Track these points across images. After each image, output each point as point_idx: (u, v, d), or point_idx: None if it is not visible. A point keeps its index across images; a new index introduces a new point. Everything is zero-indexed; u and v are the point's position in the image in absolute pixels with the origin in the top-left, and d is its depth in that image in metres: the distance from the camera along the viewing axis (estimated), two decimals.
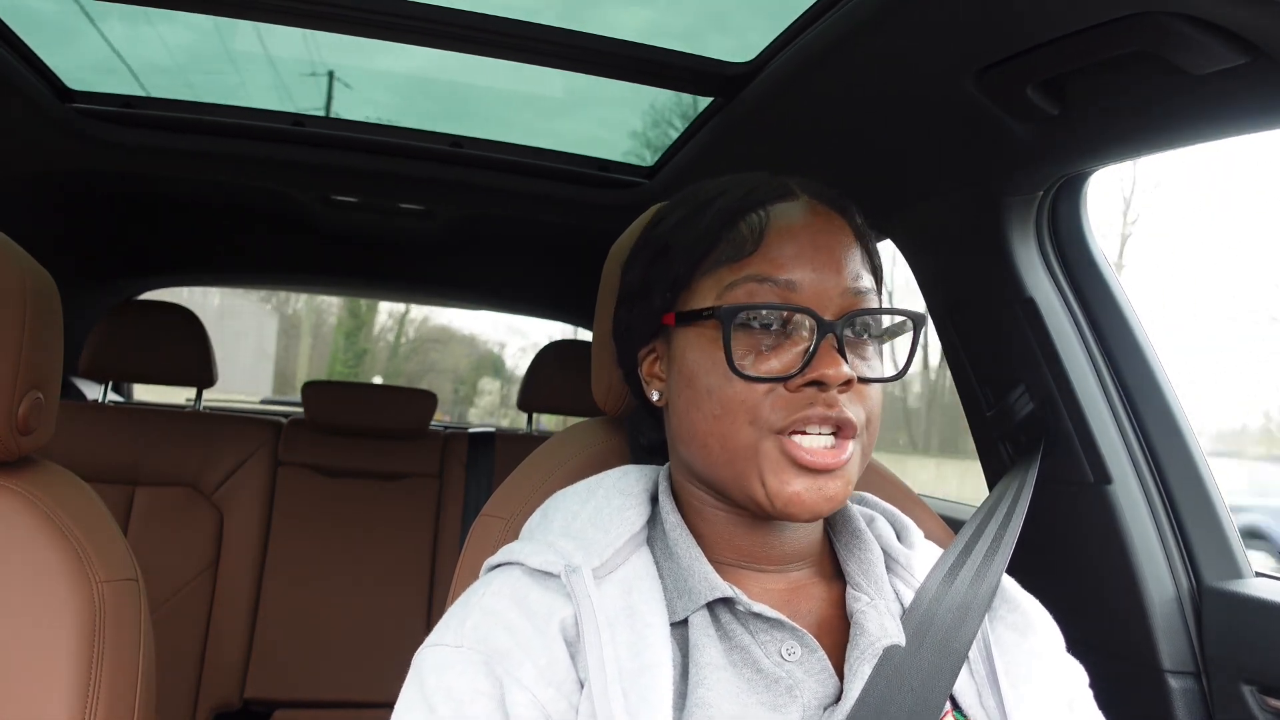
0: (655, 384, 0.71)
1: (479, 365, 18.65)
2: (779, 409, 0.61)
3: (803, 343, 0.62)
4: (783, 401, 0.61)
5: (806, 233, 0.64)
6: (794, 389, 0.61)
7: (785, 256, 0.63)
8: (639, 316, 0.71)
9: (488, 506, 0.86)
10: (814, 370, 0.60)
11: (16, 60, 1.35)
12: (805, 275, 0.63)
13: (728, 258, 0.64)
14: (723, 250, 0.65)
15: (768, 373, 0.61)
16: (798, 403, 0.61)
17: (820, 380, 0.60)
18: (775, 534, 0.67)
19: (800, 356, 0.61)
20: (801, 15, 1.08)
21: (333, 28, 1.24)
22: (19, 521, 0.81)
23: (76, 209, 2.05)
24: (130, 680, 0.82)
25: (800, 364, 0.61)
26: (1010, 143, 1.01)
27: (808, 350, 0.61)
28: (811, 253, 0.64)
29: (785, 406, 0.61)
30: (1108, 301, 1.14)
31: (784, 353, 0.62)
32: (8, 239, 0.84)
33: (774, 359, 0.62)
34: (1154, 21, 0.75)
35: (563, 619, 0.60)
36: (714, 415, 0.62)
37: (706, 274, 0.66)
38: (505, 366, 18.26)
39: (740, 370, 0.61)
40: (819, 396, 0.60)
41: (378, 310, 15.58)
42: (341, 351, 15.49)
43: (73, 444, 1.92)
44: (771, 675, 0.61)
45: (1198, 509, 1.09)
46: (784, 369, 0.61)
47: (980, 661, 0.67)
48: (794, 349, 0.62)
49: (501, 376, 17.96)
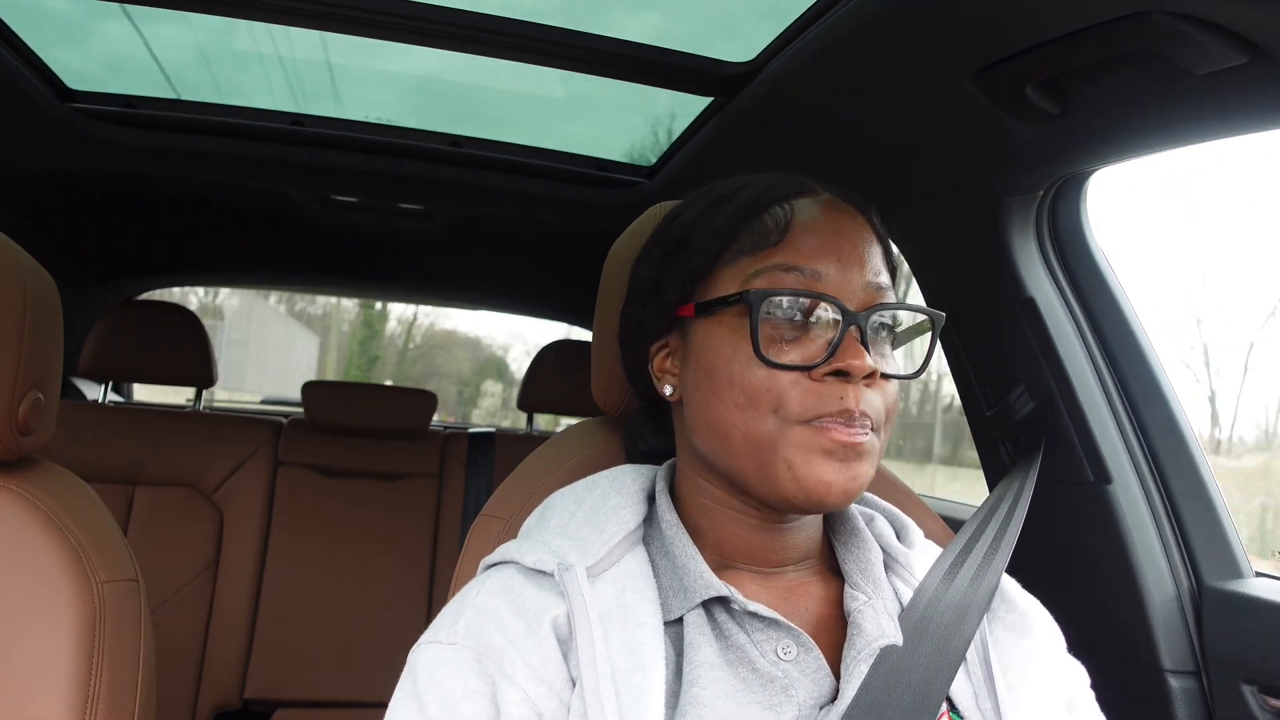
0: (668, 379, 0.70)
1: (482, 369, 19.66)
2: (802, 399, 0.60)
3: (826, 333, 0.62)
4: (809, 392, 0.60)
5: (830, 227, 0.64)
6: (818, 378, 0.61)
7: (810, 248, 0.63)
8: (652, 312, 0.71)
9: (487, 507, 0.86)
10: (839, 360, 0.60)
11: (17, 60, 1.35)
12: (830, 267, 0.63)
13: (751, 248, 0.64)
14: (745, 242, 0.65)
15: (791, 361, 0.61)
16: (821, 394, 0.60)
17: (845, 370, 0.60)
18: (779, 533, 0.67)
19: (824, 347, 0.61)
20: (801, 15, 1.08)
21: (333, 27, 1.24)
22: (19, 522, 0.81)
23: (76, 209, 2.05)
24: (130, 680, 0.82)
25: (825, 354, 0.61)
26: (1010, 143, 1.01)
27: (832, 341, 0.61)
28: (835, 246, 0.64)
29: (809, 397, 0.60)
30: (1108, 301, 1.14)
31: (807, 343, 0.62)
32: (8, 239, 0.84)
33: (796, 349, 0.62)
34: (1154, 21, 0.75)
35: (555, 617, 0.60)
36: (736, 404, 0.62)
37: (727, 265, 0.65)
38: (509, 370, 19.20)
39: (767, 357, 0.61)
40: (845, 389, 0.60)
41: (388, 319, 17.11)
42: (356, 357, 16.82)
43: (73, 444, 1.92)
44: (767, 674, 0.60)
45: (1198, 509, 1.09)
46: (807, 359, 0.61)
47: (978, 663, 0.67)
48: (817, 339, 0.62)
49: (504, 380, 18.87)
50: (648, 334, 0.72)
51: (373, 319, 16.66)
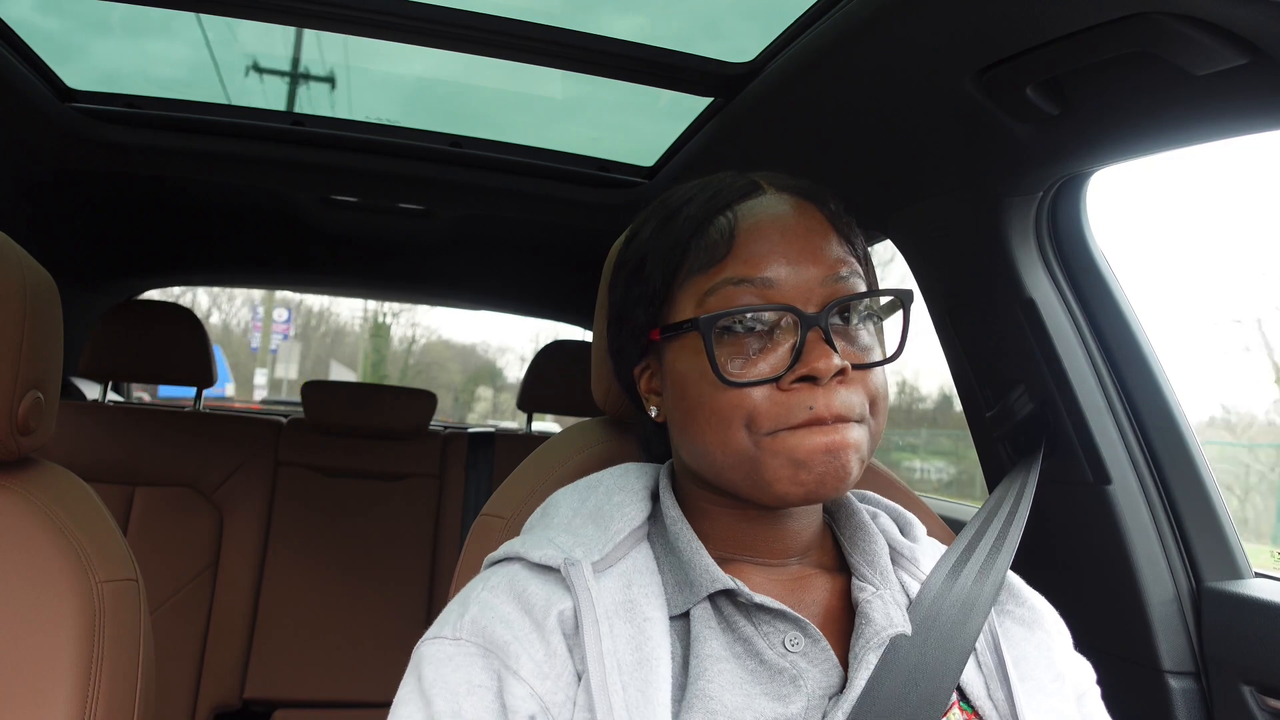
0: (653, 399, 0.71)
1: (476, 375, 23.65)
2: (770, 411, 0.60)
3: (789, 339, 0.61)
4: (778, 402, 0.60)
5: (776, 227, 0.64)
6: (787, 387, 0.60)
7: (759, 254, 0.62)
8: (627, 336, 0.71)
9: (488, 506, 0.86)
10: (803, 365, 0.60)
11: (17, 60, 1.35)
12: (781, 270, 0.62)
13: (701, 265, 0.64)
14: (695, 258, 0.64)
15: (758, 376, 0.61)
16: (793, 402, 0.60)
17: (812, 374, 0.59)
18: (779, 527, 0.67)
19: (789, 354, 0.61)
20: (801, 15, 1.08)
21: (333, 27, 1.24)
22: (19, 521, 0.81)
23: (76, 209, 2.05)
24: (130, 680, 0.82)
25: (789, 361, 0.60)
26: (1010, 143, 1.01)
27: (795, 346, 0.61)
28: (784, 247, 0.63)
29: (777, 409, 0.60)
30: (1107, 302, 1.14)
31: (772, 353, 0.61)
32: (8, 239, 0.84)
33: (763, 361, 0.61)
34: (1154, 21, 0.75)
35: (561, 612, 0.60)
36: (709, 425, 0.62)
37: (683, 285, 0.65)
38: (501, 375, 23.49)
39: (728, 378, 0.60)
40: (815, 395, 0.60)
41: (390, 343, 21.71)
42: (368, 374, 20.61)
43: (73, 444, 1.92)
44: (775, 666, 0.60)
45: (1197, 509, 1.09)
46: (773, 369, 0.61)
47: (988, 654, 0.67)
48: (781, 347, 0.61)
49: (494, 385, 22.70)
50: (629, 357, 0.72)
51: (381, 345, 21.29)
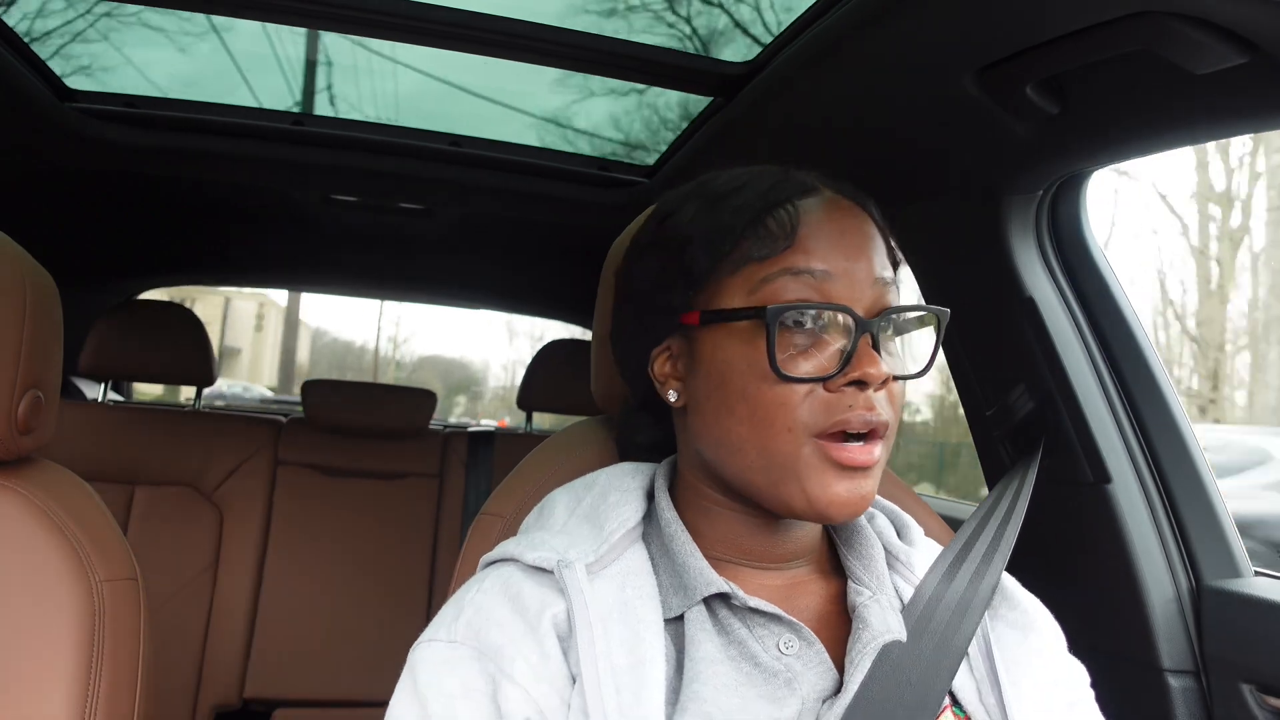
0: (672, 384, 0.68)
1: (455, 387, 27.60)
2: (818, 411, 0.60)
3: (838, 340, 0.61)
4: (821, 403, 0.60)
5: (835, 225, 0.64)
6: (834, 389, 0.60)
7: (817, 250, 0.62)
8: (652, 315, 0.69)
9: (487, 505, 0.86)
10: (855, 369, 0.59)
11: (16, 60, 1.35)
12: (838, 265, 0.62)
13: (757, 254, 0.63)
14: (749, 246, 0.63)
15: (806, 374, 0.60)
16: (837, 404, 0.60)
17: (862, 379, 0.59)
18: (780, 533, 0.67)
19: (837, 355, 0.61)
20: (801, 15, 1.08)
21: (333, 27, 1.24)
22: (19, 521, 0.81)
23: (76, 209, 2.05)
24: (130, 680, 0.82)
25: (839, 364, 0.60)
26: (1010, 142, 1.01)
27: (844, 349, 0.60)
28: (842, 245, 0.63)
29: (825, 408, 0.60)
30: (1107, 301, 1.14)
31: (819, 352, 0.61)
32: (8, 239, 0.84)
33: (808, 360, 0.61)
34: (1154, 21, 0.75)
35: (555, 614, 0.60)
36: (750, 419, 0.61)
37: (732, 271, 0.64)
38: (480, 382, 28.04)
39: (784, 373, 0.60)
40: (858, 397, 0.60)
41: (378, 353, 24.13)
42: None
43: (73, 444, 1.92)
44: (769, 668, 0.60)
45: (1197, 508, 1.09)
46: (820, 370, 0.60)
47: (980, 658, 0.67)
48: (829, 348, 0.61)
49: (467, 394, 26.41)
50: (647, 338, 0.70)
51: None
